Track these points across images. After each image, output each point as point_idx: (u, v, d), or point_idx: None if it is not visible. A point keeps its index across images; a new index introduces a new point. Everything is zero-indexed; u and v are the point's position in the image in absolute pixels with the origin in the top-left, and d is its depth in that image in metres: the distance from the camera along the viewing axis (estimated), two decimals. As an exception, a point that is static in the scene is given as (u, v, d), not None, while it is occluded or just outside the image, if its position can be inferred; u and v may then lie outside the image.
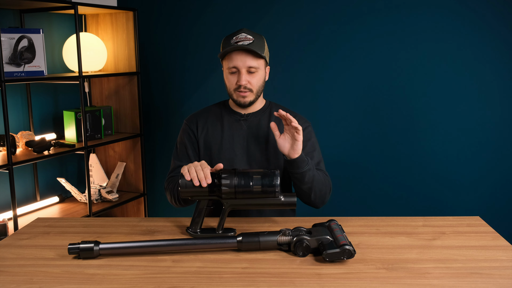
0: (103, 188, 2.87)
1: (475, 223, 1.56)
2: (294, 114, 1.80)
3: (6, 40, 2.31)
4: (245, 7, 2.82)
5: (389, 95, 2.65)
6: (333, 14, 2.67)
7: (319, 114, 2.75)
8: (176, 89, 3.06)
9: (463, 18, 2.49)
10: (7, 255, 1.36)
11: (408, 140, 2.66)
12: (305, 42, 2.74)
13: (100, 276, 1.21)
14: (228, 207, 1.44)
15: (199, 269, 1.25)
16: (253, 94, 1.72)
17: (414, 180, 2.68)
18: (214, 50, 2.90)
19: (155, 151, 3.19)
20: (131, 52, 2.92)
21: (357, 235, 1.46)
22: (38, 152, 2.43)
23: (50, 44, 2.75)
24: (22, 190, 2.64)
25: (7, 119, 2.21)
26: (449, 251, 1.34)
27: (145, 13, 3.03)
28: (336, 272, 1.22)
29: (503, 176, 2.56)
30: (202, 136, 1.78)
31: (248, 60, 1.67)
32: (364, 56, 2.66)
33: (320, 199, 1.68)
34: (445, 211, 2.64)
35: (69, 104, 2.91)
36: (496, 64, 2.49)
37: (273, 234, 1.34)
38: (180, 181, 1.43)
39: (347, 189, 2.76)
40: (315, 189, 1.64)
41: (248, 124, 1.77)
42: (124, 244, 1.33)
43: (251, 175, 1.41)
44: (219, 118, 1.79)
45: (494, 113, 2.53)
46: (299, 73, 2.78)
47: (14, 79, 2.29)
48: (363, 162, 2.75)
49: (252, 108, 1.79)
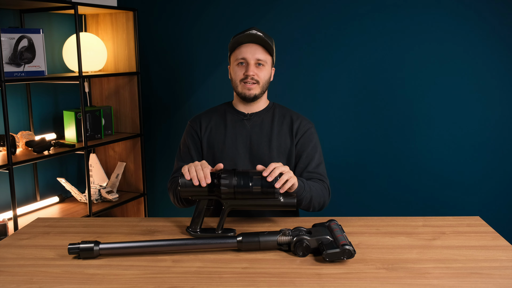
0: (103, 188, 2.87)
1: (475, 223, 1.56)
2: (296, 115, 1.81)
3: (6, 40, 2.31)
4: (246, 7, 2.82)
5: (389, 95, 2.65)
6: (334, 14, 2.67)
7: (319, 114, 2.75)
8: (176, 89, 3.06)
9: (463, 18, 2.49)
10: (7, 255, 1.36)
11: (408, 140, 2.66)
12: (305, 42, 2.74)
13: (100, 276, 1.21)
14: (227, 207, 1.44)
15: (199, 269, 1.25)
16: (259, 87, 1.72)
17: (414, 180, 2.68)
18: (214, 50, 2.90)
19: (155, 151, 3.19)
20: (131, 52, 2.92)
21: (357, 235, 1.46)
22: (38, 152, 2.43)
23: (50, 44, 2.74)
24: (22, 190, 2.64)
25: (7, 119, 2.21)
26: (449, 251, 1.34)
27: (145, 13, 3.03)
28: (336, 272, 1.22)
29: (503, 176, 2.56)
30: (206, 135, 1.79)
31: (258, 52, 1.70)
32: (364, 57, 2.66)
33: (319, 207, 1.69)
34: (445, 211, 2.64)
35: (69, 104, 2.91)
36: (497, 64, 2.49)
37: (273, 234, 1.34)
38: (180, 180, 1.43)
39: (347, 189, 2.76)
40: (314, 204, 1.65)
41: (252, 124, 1.77)
42: (124, 244, 1.33)
43: (251, 175, 1.41)
44: (223, 117, 1.80)
45: (493, 113, 2.53)
46: (299, 73, 2.78)
47: (14, 79, 2.29)
48: (363, 162, 2.75)
49: (256, 107, 1.79)
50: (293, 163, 1.77)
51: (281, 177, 1.42)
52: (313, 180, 1.72)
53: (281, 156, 1.75)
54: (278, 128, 1.77)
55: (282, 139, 1.76)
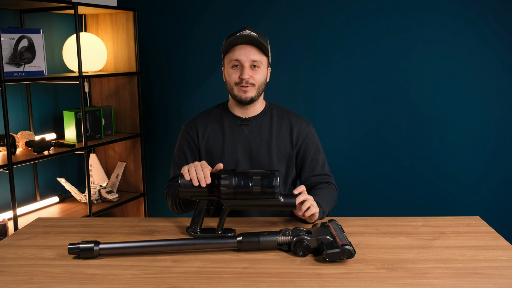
0: (103, 188, 2.87)
1: (475, 223, 1.56)
2: (295, 115, 1.79)
3: (6, 40, 2.31)
4: (246, 7, 2.82)
5: (388, 95, 2.65)
6: (334, 15, 2.67)
7: (319, 115, 2.75)
8: (176, 89, 3.06)
9: (463, 18, 2.49)
10: (7, 255, 1.36)
11: (408, 140, 2.66)
12: (305, 42, 2.74)
13: (100, 276, 1.21)
14: (227, 207, 1.43)
15: (199, 269, 1.25)
16: (255, 90, 1.67)
17: (414, 180, 2.68)
18: (214, 50, 2.90)
19: (155, 151, 3.19)
20: (131, 52, 2.92)
21: (357, 235, 1.46)
22: (38, 152, 2.43)
23: (50, 44, 2.75)
24: (22, 190, 2.64)
25: (7, 119, 2.21)
26: (449, 251, 1.34)
27: (145, 13, 3.03)
28: (336, 272, 1.22)
29: (503, 176, 2.56)
30: (203, 143, 1.75)
31: (252, 53, 1.64)
32: (364, 57, 2.66)
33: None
34: (445, 211, 2.64)
35: (69, 104, 2.91)
36: (497, 64, 2.49)
37: (273, 234, 1.34)
38: (179, 180, 1.43)
39: (347, 189, 2.76)
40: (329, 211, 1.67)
41: (250, 129, 1.73)
42: (124, 244, 1.33)
43: (251, 175, 1.41)
44: (220, 123, 1.75)
45: (494, 113, 2.53)
46: (299, 74, 2.78)
47: (14, 79, 2.29)
48: (363, 163, 2.75)
49: (253, 111, 1.75)
50: (294, 167, 1.76)
51: (308, 209, 1.48)
52: (322, 187, 1.72)
53: (281, 162, 1.73)
54: (277, 132, 1.74)
55: (282, 144, 1.74)
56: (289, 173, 1.76)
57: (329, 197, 1.67)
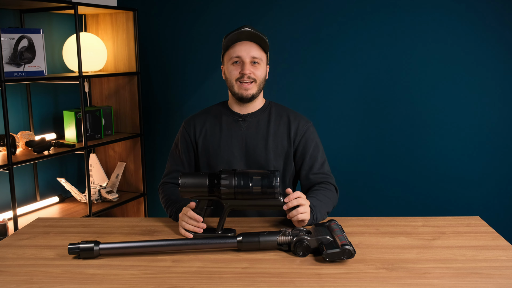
0: (103, 188, 2.87)
1: (475, 223, 1.56)
2: (294, 113, 1.79)
3: (6, 40, 2.31)
4: (245, 6, 2.82)
5: (388, 95, 2.65)
6: (334, 14, 2.67)
7: (319, 114, 2.75)
8: (176, 89, 3.06)
9: (464, 18, 2.49)
10: (7, 255, 1.36)
11: (408, 140, 2.66)
12: (305, 42, 2.74)
13: (100, 276, 1.22)
14: (228, 207, 1.44)
15: (199, 269, 1.25)
16: (256, 86, 1.68)
17: (414, 180, 2.68)
18: (214, 50, 2.90)
19: (155, 151, 3.19)
20: (131, 52, 2.92)
21: (357, 235, 1.46)
22: (38, 152, 2.43)
23: (50, 44, 2.75)
24: (22, 190, 2.64)
25: (7, 119, 2.21)
26: (449, 251, 1.34)
27: (145, 13, 3.03)
28: (336, 272, 1.22)
29: (503, 176, 2.56)
30: (200, 139, 1.75)
31: (253, 50, 1.66)
32: (364, 56, 2.66)
33: None
34: (445, 211, 2.64)
35: (69, 104, 2.91)
36: (497, 64, 2.49)
37: (273, 234, 1.34)
38: (180, 181, 1.43)
39: (347, 189, 2.76)
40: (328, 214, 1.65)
41: (247, 125, 1.73)
42: (124, 244, 1.33)
43: (251, 175, 1.41)
44: (218, 118, 1.76)
45: (494, 113, 2.53)
46: (299, 73, 2.78)
47: (14, 79, 2.29)
48: (363, 162, 2.75)
49: (252, 108, 1.75)
50: (292, 165, 1.75)
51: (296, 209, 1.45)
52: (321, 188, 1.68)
53: (278, 158, 1.72)
54: (274, 129, 1.73)
55: (279, 140, 1.73)
56: (287, 170, 1.75)
57: (326, 200, 1.63)
